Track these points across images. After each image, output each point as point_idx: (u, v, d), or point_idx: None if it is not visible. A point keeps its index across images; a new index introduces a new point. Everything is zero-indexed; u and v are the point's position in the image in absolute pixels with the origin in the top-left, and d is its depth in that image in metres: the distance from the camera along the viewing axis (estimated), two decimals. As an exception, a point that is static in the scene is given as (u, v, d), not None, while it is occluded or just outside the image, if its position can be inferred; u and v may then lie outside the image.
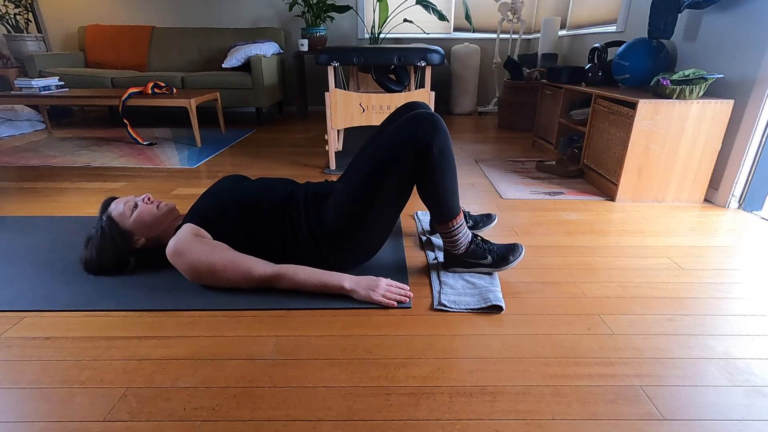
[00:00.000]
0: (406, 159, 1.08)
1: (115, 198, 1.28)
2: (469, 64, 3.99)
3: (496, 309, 1.11)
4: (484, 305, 1.10)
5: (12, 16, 3.89)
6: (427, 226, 1.61)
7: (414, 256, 1.39)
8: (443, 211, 1.16)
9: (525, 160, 2.62)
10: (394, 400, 0.82)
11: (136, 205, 1.22)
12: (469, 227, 1.54)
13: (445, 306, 1.11)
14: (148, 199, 1.24)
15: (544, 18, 3.44)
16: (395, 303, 1.12)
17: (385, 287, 1.14)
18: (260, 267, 1.12)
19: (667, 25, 1.94)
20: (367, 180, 1.10)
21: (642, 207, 1.84)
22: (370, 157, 1.11)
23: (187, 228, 1.14)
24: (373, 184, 1.10)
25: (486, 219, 1.56)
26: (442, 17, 3.73)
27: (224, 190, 1.23)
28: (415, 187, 1.16)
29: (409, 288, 1.18)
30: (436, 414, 0.79)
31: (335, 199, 1.15)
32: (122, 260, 1.22)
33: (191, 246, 1.10)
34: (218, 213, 1.17)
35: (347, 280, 1.13)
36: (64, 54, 3.82)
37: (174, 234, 1.19)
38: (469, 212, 1.56)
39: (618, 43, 2.41)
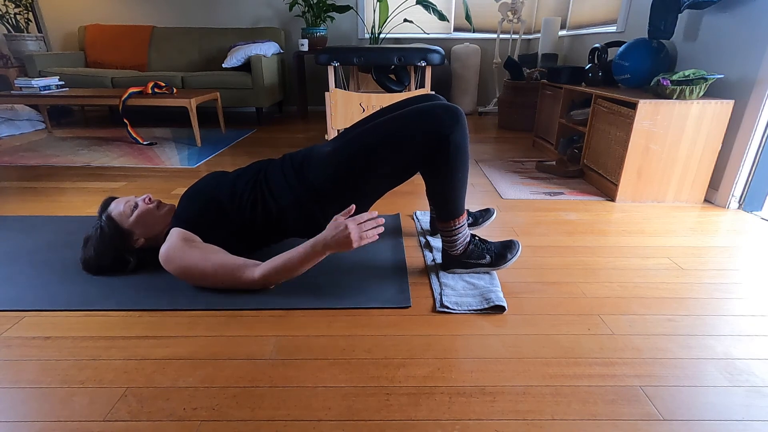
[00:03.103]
0: (421, 142, 1.06)
1: (114, 198, 1.28)
2: (469, 64, 3.99)
3: (498, 309, 1.11)
4: (486, 306, 1.10)
5: (12, 15, 3.89)
6: (426, 226, 1.61)
7: (414, 257, 1.39)
8: (448, 207, 1.15)
9: (525, 160, 2.62)
10: (394, 400, 0.82)
11: (136, 205, 1.22)
12: (468, 224, 1.54)
13: (447, 308, 1.10)
14: (149, 199, 1.24)
15: (544, 18, 3.44)
16: (376, 237, 1.06)
17: (357, 232, 1.03)
18: (250, 269, 1.11)
19: (667, 26, 1.94)
20: (376, 141, 1.08)
21: (642, 207, 1.84)
22: (386, 123, 1.10)
23: (176, 233, 1.14)
24: (381, 148, 1.08)
25: (485, 214, 1.56)
26: (442, 17, 3.72)
27: (202, 189, 1.22)
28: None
29: (380, 219, 1.07)
30: (436, 414, 0.79)
31: (335, 152, 1.12)
32: (121, 260, 1.22)
33: (181, 252, 1.10)
34: (199, 214, 1.17)
35: (318, 245, 1.05)
36: (64, 54, 3.82)
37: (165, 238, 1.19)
38: (467, 209, 1.56)
39: (618, 44, 2.41)
